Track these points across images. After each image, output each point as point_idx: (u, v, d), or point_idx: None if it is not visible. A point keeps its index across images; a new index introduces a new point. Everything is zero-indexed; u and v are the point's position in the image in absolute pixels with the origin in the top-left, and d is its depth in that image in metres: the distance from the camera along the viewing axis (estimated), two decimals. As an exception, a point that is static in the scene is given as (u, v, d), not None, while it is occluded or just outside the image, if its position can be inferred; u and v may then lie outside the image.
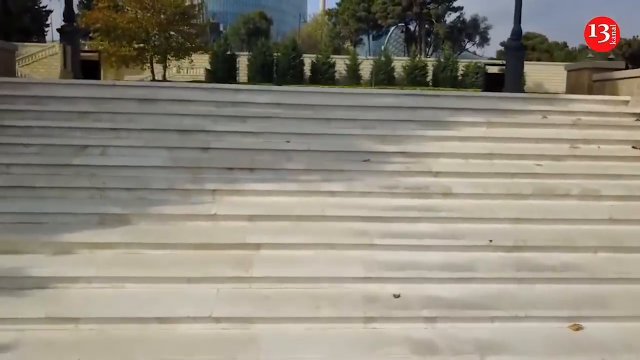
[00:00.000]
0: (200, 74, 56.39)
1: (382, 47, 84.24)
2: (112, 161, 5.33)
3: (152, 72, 39.17)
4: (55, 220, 4.49)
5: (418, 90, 8.87)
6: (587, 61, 12.58)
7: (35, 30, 71.92)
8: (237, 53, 59.90)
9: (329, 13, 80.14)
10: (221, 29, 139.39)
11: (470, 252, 4.36)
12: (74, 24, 10.15)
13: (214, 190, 4.95)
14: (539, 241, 4.48)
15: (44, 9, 72.52)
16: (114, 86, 6.84)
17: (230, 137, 5.94)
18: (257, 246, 4.28)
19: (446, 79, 59.21)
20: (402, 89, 25.89)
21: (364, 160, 5.64)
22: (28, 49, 60.80)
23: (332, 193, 5.06)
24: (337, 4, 75.69)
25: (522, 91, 10.31)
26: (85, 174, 5.12)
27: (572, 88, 8.39)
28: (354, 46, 74.77)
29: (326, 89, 7.27)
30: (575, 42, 78.95)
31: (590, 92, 8.00)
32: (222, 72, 58.17)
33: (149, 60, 38.63)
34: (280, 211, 4.70)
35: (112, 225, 4.47)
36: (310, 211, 4.71)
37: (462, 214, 4.78)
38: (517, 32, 10.25)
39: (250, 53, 60.67)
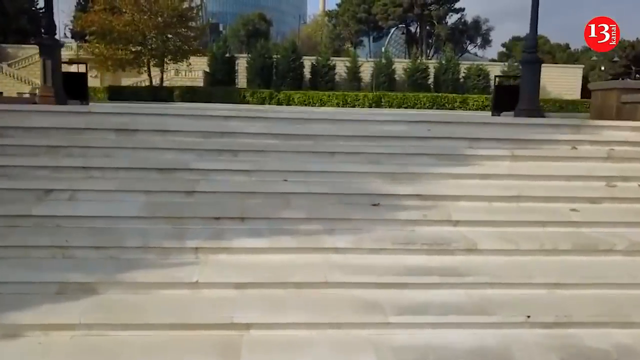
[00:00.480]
0: (199, 76, 55.63)
1: (383, 49, 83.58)
2: (81, 209, 4.58)
3: (150, 75, 38.44)
4: (5, 290, 3.74)
5: (430, 114, 8.00)
6: (616, 81, 11.76)
7: (32, 31, 71.16)
8: (236, 55, 59.12)
9: (329, 14, 79.40)
10: (221, 29, 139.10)
11: (504, 330, 3.61)
12: (55, 36, 9.42)
13: (197, 249, 4.20)
14: (584, 315, 3.74)
15: (41, 10, 71.64)
16: (90, 113, 6.09)
17: (218, 176, 5.19)
18: (247, 326, 3.53)
19: (448, 81, 58.44)
20: (404, 95, 25.25)
21: (373, 205, 4.90)
22: (25, 51, 59.99)
23: (336, 250, 4.31)
24: (337, 5, 74.91)
25: (539, 108, 9.57)
26: (48, 227, 4.38)
27: (598, 110, 7.66)
28: (355, 48, 74.02)
29: (328, 112, 6.46)
30: (577, 43, 78.16)
31: (619, 116, 7.26)
32: (220, 74, 57.41)
33: (145, 64, 37.94)
34: (275, 276, 3.95)
35: (74, 297, 3.72)
36: (311, 276, 3.96)
37: (491, 278, 4.04)
38: (532, 44, 9.52)
39: (250, 55, 59.89)
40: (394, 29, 76.37)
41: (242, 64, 58.73)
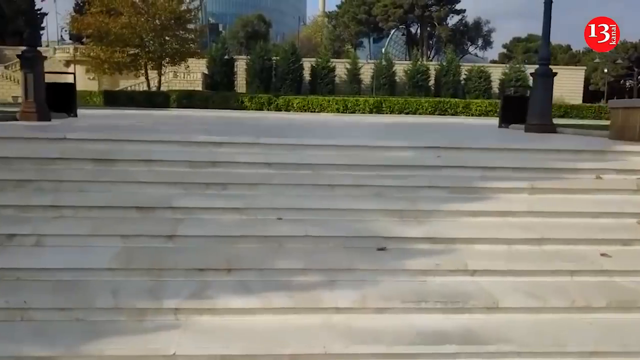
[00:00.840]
0: (198, 78, 55.07)
1: (383, 50, 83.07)
2: (46, 259, 4.01)
3: (147, 78, 37.92)
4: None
5: (437, 136, 7.46)
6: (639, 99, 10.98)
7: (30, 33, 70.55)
8: (235, 57, 58.56)
9: (329, 16, 78.88)
10: (220, 29, 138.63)
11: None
12: (37, 49, 8.87)
13: (176, 309, 3.64)
14: (628, 394, 3.20)
15: (38, 11, 71.17)
16: (65, 140, 5.53)
17: (204, 215, 4.64)
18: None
19: (448, 83, 57.91)
20: (405, 100, 24.73)
21: (379, 249, 4.35)
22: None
23: (337, 309, 3.75)
24: (337, 6, 74.39)
25: (552, 123, 9.02)
26: (6, 281, 3.82)
27: (619, 131, 7.11)
28: (355, 49, 73.52)
29: (328, 140, 5.87)
30: (578, 44, 77.62)
31: (644, 138, 6.71)
32: (219, 76, 56.87)
33: (143, 67, 37.41)
34: (266, 346, 3.39)
35: (29, 376, 3.17)
36: (308, 345, 3.40)
37: (518, 346, 3.47)
38: (545, 56, 9.00)
39: (249, 57, 59.34)
40: (394, 30, 75.79)
41: (241, 65, 58.18)
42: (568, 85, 62.61)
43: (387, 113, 23.93)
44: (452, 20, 68.46)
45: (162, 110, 21.11)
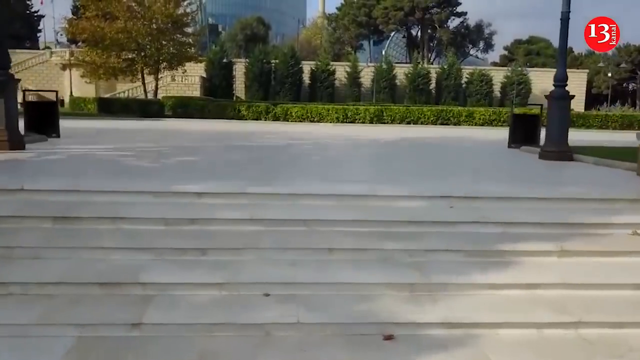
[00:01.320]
0: (196, 82, 54.40)
1: (383, 52, 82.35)
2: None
3: (143, 83, 37.20)
4: None
5: (448, 175, 6.72)
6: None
7: (27, 35, 69.93)
8: (233, 60, 57.90)
9: (329, 18, 78.20)
10: (220, 29, 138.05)
11: None
12: (9, 71, 8.16)
13: None
14: None
15: (35, 14, 70.54)
16: (22, 191, 4.82)
17: (177, 291, 3.92)
18: None
19: (450, 86, 57.29)
20: (407, 109, 23.95)
21: (386, 339, 3.63)
22: (17, 56, 58.61)
23: None
24: (337, 8, 73.65)
25: (569, 150, 8.30)
26: None
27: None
28: (355, 52, 72.85)
29: (326, 186, 5.14)
30: (580, 47, 76.84)
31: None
32: (218, 79, 56.22)
33: (139, 72, 36.71)
34: None
35: None
36: None
37: None
38: (562, 77, 8.29)
39: (248, 60, 58.66)
40: (394, 32, 75.17)
41: (240, 69, 57.52)
42: (571, 87, 61.49)
43: (388, 122, 23.17)
44: (453, 22, 67.91)
45: (156, 121, 20.41)
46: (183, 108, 22.90)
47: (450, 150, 10.10)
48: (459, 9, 66.17)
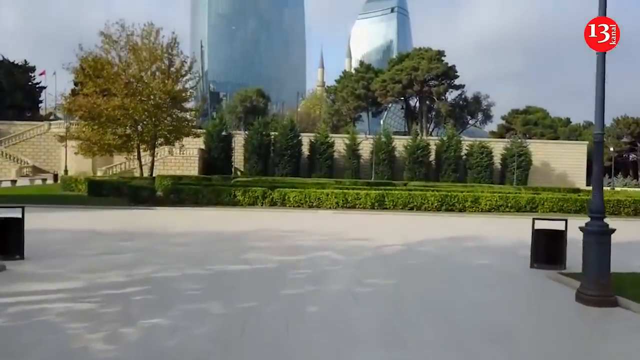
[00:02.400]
0: (194, 154, 54.05)
1: (382, 122, 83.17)
2: None
3: (139, 159, 36.53)
4: None
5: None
6: None
7: (28, 106, 70.60)
8: (232, 132, 57.94)
9: (327, 90, 79.50)
10: (221, 96, 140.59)
11: None
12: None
13: None
14: None
15: (37, 85, 71.52)
16: None
17: None
18: None
19: (450, 159, 57.00)
20: (409, 194, 22.90)
21: None
22: (16, 127, 58.79)
23: None
24: (335, 81, 74.86)
25: (611, 292, 7.04)
26: None
27: None
28: (353, 123, 73.39)
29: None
30: (578, 117, 77.72)
31: None
32: (216, 152, 55.99)
33: (135, 149, 36.16)
34: None
35: None
36: None
37: None
38: (598, 207, 7.21)
39: (247, 132, 58.75)
40: (392, 104, 76.17)
41: (239, 141, 57.47)
42: (571, 160, 61.76)
43: (389, 207, 22.13)
44: (451, 95, 68.79)
45: (144, 211, 19.34)
46: (176, 193, 21.87)
47: (464, 277, 8.82)
48: (457, 82, 67.17)
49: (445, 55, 65.11)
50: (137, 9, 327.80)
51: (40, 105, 75.16)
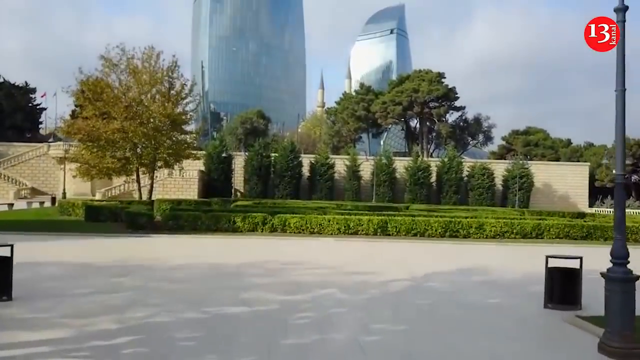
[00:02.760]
0: (194, 176, 53.68)
1: (382, 142, 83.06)
2: None
3: (138, 182, 36.12)
4: None
5: None
6: None
7: (28, 127, 70.37)
8: (232, 154, 57.70)
9: (328, 112, 79.42)
10: (222, 115, 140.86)
11: None
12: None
13: None
14: None
15: (38, 106, 71.45)
16: None
17: None
18: None
19: (451, 180, 56.66)
20: (413, 220, 22.44)
21: None
22: (15, 148, 58.53)
23: None
24: (336, 102, 74.86)
25: (637, 343, 6.57)
26: None
27: None
28: (353, 144, 73.17)
29: None
30: (579, 138, 77.54)
31: None
32: (216, 173, 55.68)
33: (134, 172, 35.79)
34: None
35: None
36: None
37: None
38: (621, 252, 6.72)
39: (247, 154, 58.51)
40: (392, 125, 76.09)
41: (239, 162, 57.18)
42: (573, 181, 61.36)
43: (393, 234, 21.67)
44: (452, 116, 68.67)
45: (141, 238, 18.91)
46: (175, 220, 21.43)
47: (478, 322, 8.30)
48: (457, 103, 67.14)
49: (445, 77, 65.19)
50: (138, 31, 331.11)
51: (40, 126, 75.07)
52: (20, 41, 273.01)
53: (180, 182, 51.10)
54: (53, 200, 39.77)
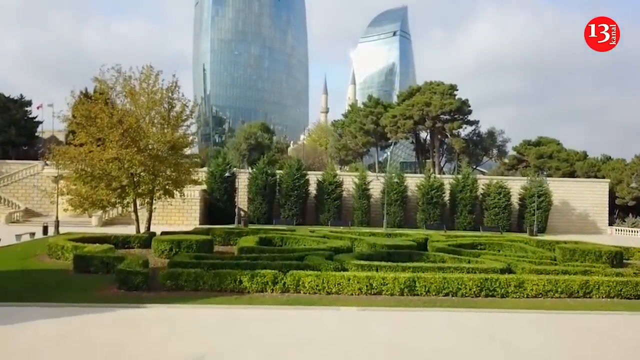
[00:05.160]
0: (195, 196, 50.99)
1: (389, 152, 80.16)
2: None
3: (136, 213, 33.53)
4: None
5: None
6: None
7: (23, 142, 67.66)
8: (236, 171, 55.08)
9: (334, 124, 76.51)
10: (224, 118, 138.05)
11: None
12: None
13: None
14: None
15: (34, 119, 68.84)
16: None
17: None
18: None
19: (465, 199, 53.90)
20: (444, 278, 19.78)
21: None
22: (8, 166, 55.85)
23: None
24: (343, 115, 71.99)
25: None
26: None
27: None
28: (361, 157, 70.48)
29: None
30: (595, 149, 74.69)
31: None
32: (219, 193, 53.01)
33: (131, 203, 33.23)
34: None
35: None
36: None
37: None
38: None
39: (251, 172, 55.90)
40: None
41: (242, 179, 54.50)
42: (592, 199, 58.56)
43: (422, 294, 19.08)
44: (465, 130, 65.79)
45: (134, 310, 16.27)
46: (173, 280, 18.79)
47: None
48: (471, 117, 64.28)
49: (457, 90, 62.39)
50: (139, 33, 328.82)
51: (36, 140, 72.54)
52: (18, 41, 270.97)
53: (181, 204, 48.45)
54: (45, 229, 37.16)
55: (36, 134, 69.56)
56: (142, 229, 33.69)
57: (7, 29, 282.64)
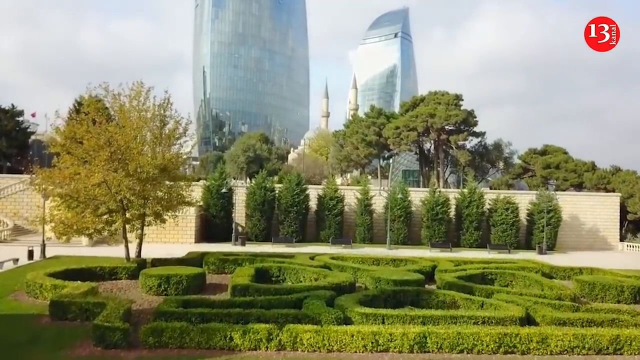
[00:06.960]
0: (191, 213, 49.03)
1: (391, 161, 78.06)
2: None
3: (125, 238, 31.51)
4: None
5: None
6: None
7: (15, 153, 65.61)
8: (233, 186, 53.08)
9: (335, 135, 74.41)
10: (223, 119, 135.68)
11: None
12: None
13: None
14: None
15: (27, 129, 66.87)
16: None
17: None
18: None
19: (472, 215, 51.79)
20: (458, 333, 17.89)
21: None
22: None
23: None
24: (344, 125, 69.91)
25: None
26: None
27: None
28: (363, 169, 68.45)
29: None
30: (604, 161, 72.60)
31: None
32: (215, 209, 50.97)
33: (119, 230, 31.20)
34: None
35: None
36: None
37: None
38: None
39: (248, 186, 53.92)
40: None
41: (240, 194, 52.54)
42: (603, 214, 56.50)
43: (434, 351, 17.02)
44: (471, 142, 63.60)
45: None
46: (156, 336, 16.80)
47: None
48: (477, 129, 62.09)
49: (462, 100, 60.31)
50: (138, 34, 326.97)
51: (30, 151, 70.58)
52: (15, 41, 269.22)
53: (177, 224, 46.35)
54: (30, 254, 35.17)
55: (31, 140, 67.50)
56: (133, 254, 31.75)
57: (4, 28, 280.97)
